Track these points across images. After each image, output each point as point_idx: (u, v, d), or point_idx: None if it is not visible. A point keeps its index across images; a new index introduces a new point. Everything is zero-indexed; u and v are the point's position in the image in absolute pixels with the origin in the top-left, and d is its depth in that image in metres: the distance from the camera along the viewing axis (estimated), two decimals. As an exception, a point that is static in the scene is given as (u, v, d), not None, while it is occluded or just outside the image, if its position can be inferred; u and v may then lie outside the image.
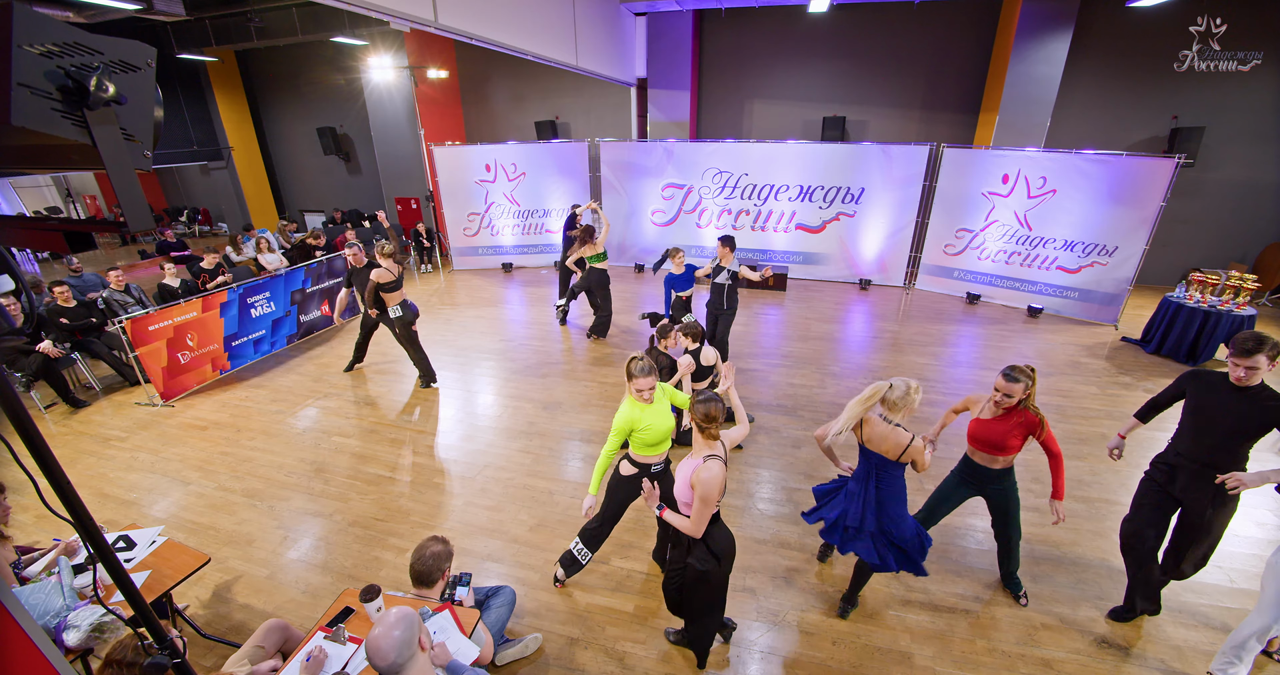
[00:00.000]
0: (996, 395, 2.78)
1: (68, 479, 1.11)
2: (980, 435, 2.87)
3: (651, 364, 2.73)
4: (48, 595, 2.34)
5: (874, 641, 2.93)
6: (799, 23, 9.87)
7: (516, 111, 12.06)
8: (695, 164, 9.54)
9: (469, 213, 10.29)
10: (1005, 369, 2.80)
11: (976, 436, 2.89)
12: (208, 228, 15.62)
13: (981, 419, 2.88)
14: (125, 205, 1.02)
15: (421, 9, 4.57)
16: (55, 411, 5.55)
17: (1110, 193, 7.23)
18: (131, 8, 6.30)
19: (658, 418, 2.77)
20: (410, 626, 1.75)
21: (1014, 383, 2.73)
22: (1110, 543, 3.60)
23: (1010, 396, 2.74)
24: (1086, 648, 2.88)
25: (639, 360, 2.71)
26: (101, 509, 4.04)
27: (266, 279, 6.65)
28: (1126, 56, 8.59)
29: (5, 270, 1.07)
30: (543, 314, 8.06)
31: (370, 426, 5.11)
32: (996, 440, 2.81)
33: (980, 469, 2.95)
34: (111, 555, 1.24)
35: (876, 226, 9.03)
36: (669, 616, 3.08)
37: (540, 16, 6.53)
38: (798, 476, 4.28)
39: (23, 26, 0.84)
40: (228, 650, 2.83)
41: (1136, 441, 4.77)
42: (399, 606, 1.83)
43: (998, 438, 2.81)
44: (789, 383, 5.82)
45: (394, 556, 3.53)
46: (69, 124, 0.91)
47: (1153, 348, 6.58)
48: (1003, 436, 2.79)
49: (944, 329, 7.45)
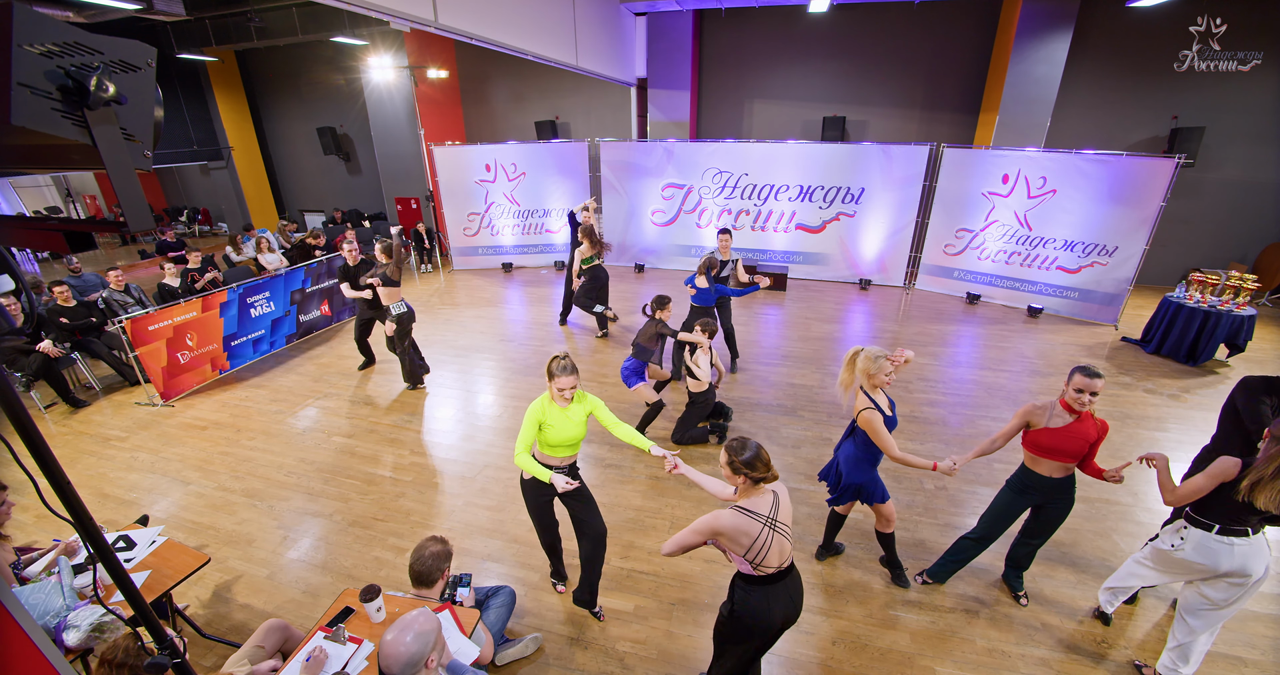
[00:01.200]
0: (1083, 397, 2.60)
1: (68, 479, 1.11)
2: (1061, 445, 2.70)
3: (573, 364, 2.64)
4: (48, 595, 2.34)
5: (874, 641, 2.93)
6: (799, 23, 9.87)
7: (516, 111, 12.06)
8: (695, 164, 9.54)
9: (469, 213, 10.29)
10: (1080, 368, 2.65)
11: (1056, 448, 2.71)
12: (208, 228, 15.62)
13: (1053, 428, 2.71)
14: (125, 205, 1.02)
15: (421, 9, 4.56)
16: (55, 411, 5.55)
17: (1110, 193, 7.23)
18: (131, 7, 6.30)
19: (565, 424, 2.68)
20: (424, 643, 1.71)
21: (1097, 378, 2.59)
22: (1110, 542, 3.60)
23: (1096, 394, 2.60)
24: (1086, 648, 2.88)
25: (560, 359, 2.64)
26: (101, 509, 4.04)
27: (266, 279, 6.65)
28: (1126, 56, 8.59)
29: (5, 270, 1.07)
30: (543, 314, 8.06)
31: (370, 426, 5.11)
32: (1078, 446, 2.67)
33: (1050, 482, 2.81)
34: (111, 555, 1.24)
35: (876, 226, 9.03)
36: (668, 616, 3.08)
37: (540, 16, 6.53)
38: (798, 476, 4.28)
39: (23, 26, 0.84)
40: (228, 650, 2.83)
41: (1136, 442, 4.78)
42: (423, 611, 1.80)
43: (1080, 443, 2.67)
44: (789, 383, 5.82)
45: (394, 556, 3.53)
46: (69, 124, 0.91)
47: (1153, 348, 6.59)
48: (1084, 439, 2.66)
49: (944, 329, 7.45)
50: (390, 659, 1.66)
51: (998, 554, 3.50)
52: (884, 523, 3.14)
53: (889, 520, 3.12)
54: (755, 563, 2.05)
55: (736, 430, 4.91)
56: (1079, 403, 2.63)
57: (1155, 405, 5.38)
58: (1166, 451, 4.60)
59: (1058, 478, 2.79)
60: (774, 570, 2.08)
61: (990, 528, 3.07)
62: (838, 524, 3.37)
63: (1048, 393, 5.60)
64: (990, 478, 4.22)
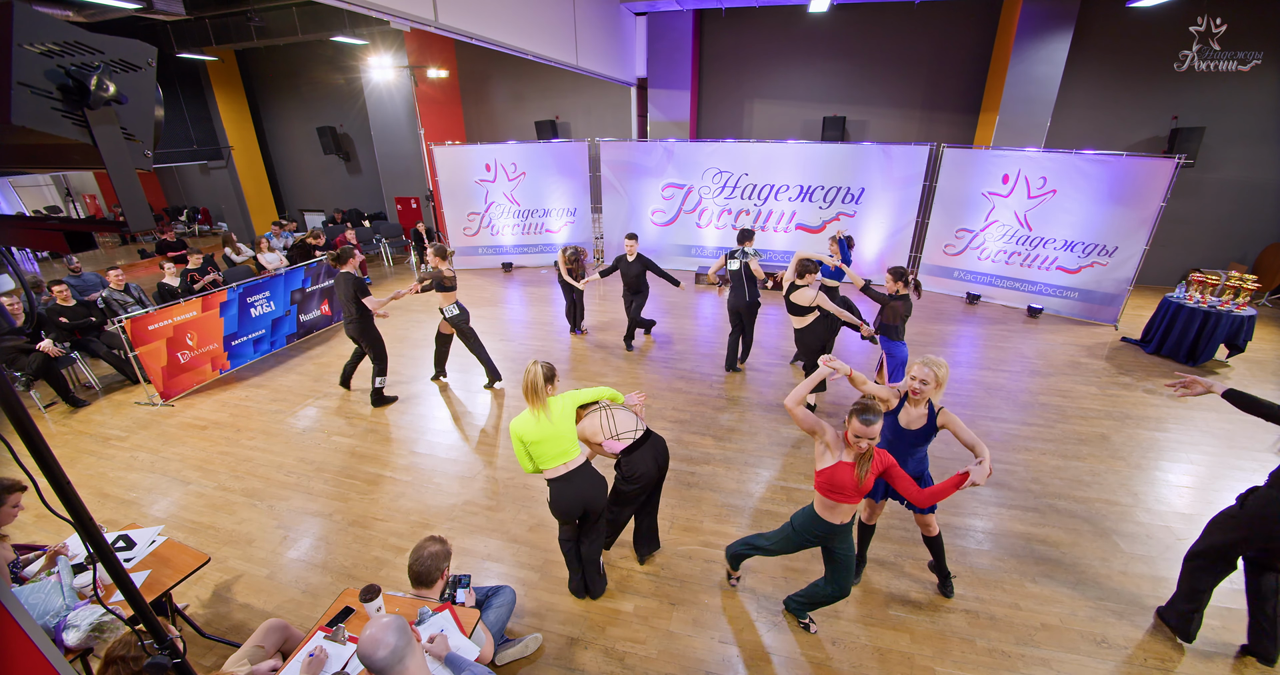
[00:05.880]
0: (860, 442, 2.35)
1: (68, 479, 1.11)
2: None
3: (550, 369, 2.77)
4: (47, 595, 2.34)
5: (874, 642, 2.93)
6: (799, 23, 9.87)
7: (516, 111, 12.05)
8: (695, 164, 9.53)
9: (469, 212, 10.29)
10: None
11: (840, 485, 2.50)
12: (208, 227, 15.62)
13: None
14: (125, 205, 1.02)
15: (421, 9, 4.56)
16: (55, 411, 5.54)
17: (1110, 193, 7.23)
18: (131, 7, 6.31)
19: (545, 428, 2.74)
20: (396, 646, 1.72)
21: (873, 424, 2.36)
22: (1110, 543, 3.60)
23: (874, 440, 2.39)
24: (1086, 648, 2.88)
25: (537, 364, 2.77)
26: (101, 509, 4.04)
27: (266, 278, 6.65)
28: (1126, 56, 8.59)
29: (5, 270, 1.07)
30: (542, 314, 8.06)
31: (370, 426, 5.11)
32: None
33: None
34: (111, 555, 1.24)
35: (877, 226, 9.03)
36: (668, 616, 3.08)
37: (540, 16, 6.53)
38: (798, 476, 4.28)
39: (23, 25, 0.84)
40: (228, 650, 2.83)
41: (1136, 442, 4.78)
42: (396, 618, 1.79)
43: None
44: (789, 383, 5.82)
45: (394, 556, 3.53)
46: (69, 123, 0.91)
47: (1152, 348, 6.58)
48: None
49: (944, 329, 7.45)
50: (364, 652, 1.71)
51: (996, 556, 3.51)
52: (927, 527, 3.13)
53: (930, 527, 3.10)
54: (621, 436, 2.95)
55: (737, 430, 4.92)
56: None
57: (1155, 406, 5.38)
58: (1167, 451, 4.62)
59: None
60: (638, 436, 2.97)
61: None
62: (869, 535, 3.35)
63: (1047, 393, 5.61)
64: (991, 478, 4.20)
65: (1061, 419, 5.11)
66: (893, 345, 4.80)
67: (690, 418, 5.13)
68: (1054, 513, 3.87)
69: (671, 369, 6.17)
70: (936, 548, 3.13)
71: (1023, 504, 3.95)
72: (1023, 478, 4.25)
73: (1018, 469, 4.35)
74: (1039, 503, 3.95)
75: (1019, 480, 4.21)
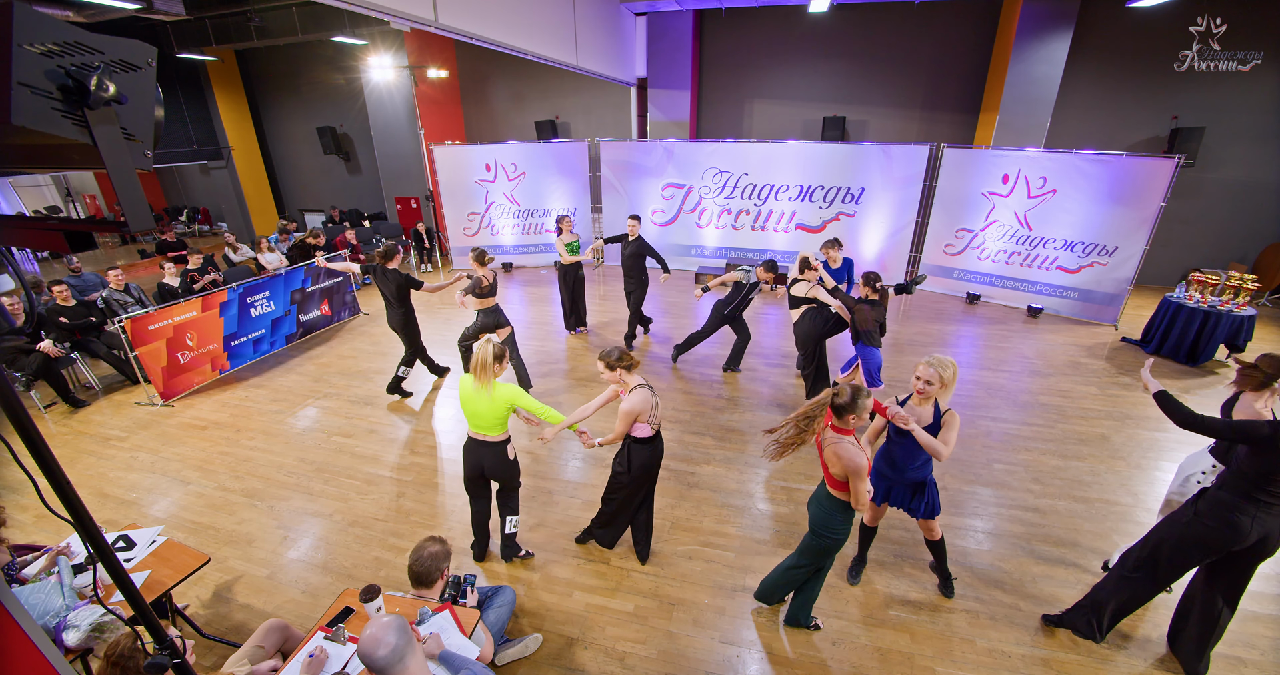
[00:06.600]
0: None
1: (67, 479, 1.11)
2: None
3: (500, 350, 2.99)
4: (47, 595, 2.34)
5: (874, 641, 2.93)
6: (799, 23, 9.86)
7: (516, 111, 12.05)
8: (695, 164, 9.53)
9: (469, 212, 10.29)
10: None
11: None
12: (208, 227, 15.61)
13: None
14: (125, 205, 1.02)
15: (421, 9, 4.56)
16: (55, 411, 5.54)
17: (1110, 193, 7.23)
18: (131, 7, 6.31)
19: (479, 403, 3.01)
20: (396, 645, 1.72)
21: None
22: (1110, 543, 3.60)
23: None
24: (1086, 647, 2.88)
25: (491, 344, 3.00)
26: (101, 509, 4.04)
27: (266, 279, 6.65)
28: (1126, 56, 8.59)
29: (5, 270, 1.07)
30: (542, 313, 8.06)
31: (370, 426, 5.11)
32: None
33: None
34: (111, 555, 1.24)
35: (877, 226, 9.03)
36: (668, 616, 3.08)
37: (540, 16, 6.53)
38: (798, 477, 4.28)
39: (23, 26, 0.84)
40: (228, 650, 2.83)
41: (1136, 442, 4.78)
42: (396, 618, 1.79)
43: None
44: (789, 383, 5.83)
45: (394, 556, 3.53)
46: (69, 123, 0.91)
47: (1152, 348, 6.58)
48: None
49: (944, 329, 7.45)
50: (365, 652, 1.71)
51: (996, 556, 3.51)
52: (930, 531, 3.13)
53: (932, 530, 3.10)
54: (654, 424, 3.03)
55: (736, 429, 4.92)
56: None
57: (1155, 406, 5.37)
58: (1167, 451, 4.61)
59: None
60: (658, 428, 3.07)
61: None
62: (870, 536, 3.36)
63: (1047, 393, 5.60)
64: (991, 478, 4.21)
65: (1061, 419, 5.11)
66: (866, 350, 4.79)
67: (690, 418, 5.13)
68: (1054, 513, 3.87)
69: (671, 368, 6.17)
70: (938, 550, 3.14)
71: (1023, 504, 3.95)
72: (1023, 478, 4.25)
73: (1018, 469, 4.34)
74: (1039, 503, 3.95)
75: (1019, 480, 4.21)
